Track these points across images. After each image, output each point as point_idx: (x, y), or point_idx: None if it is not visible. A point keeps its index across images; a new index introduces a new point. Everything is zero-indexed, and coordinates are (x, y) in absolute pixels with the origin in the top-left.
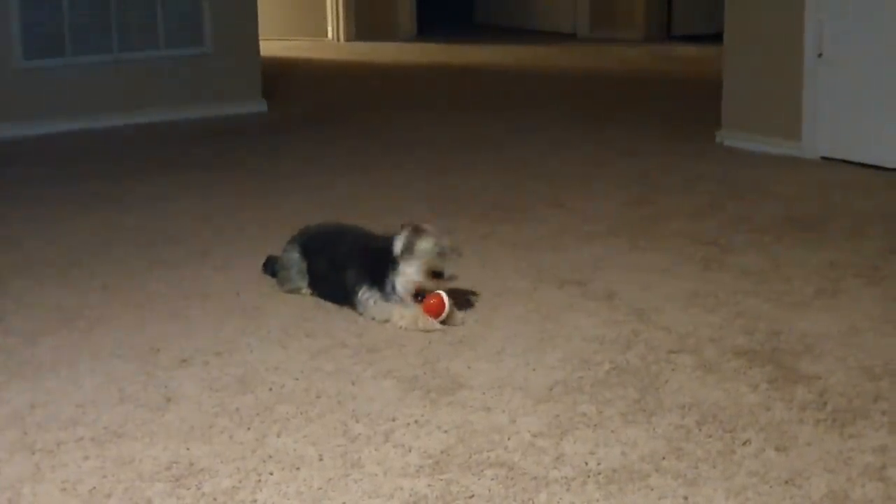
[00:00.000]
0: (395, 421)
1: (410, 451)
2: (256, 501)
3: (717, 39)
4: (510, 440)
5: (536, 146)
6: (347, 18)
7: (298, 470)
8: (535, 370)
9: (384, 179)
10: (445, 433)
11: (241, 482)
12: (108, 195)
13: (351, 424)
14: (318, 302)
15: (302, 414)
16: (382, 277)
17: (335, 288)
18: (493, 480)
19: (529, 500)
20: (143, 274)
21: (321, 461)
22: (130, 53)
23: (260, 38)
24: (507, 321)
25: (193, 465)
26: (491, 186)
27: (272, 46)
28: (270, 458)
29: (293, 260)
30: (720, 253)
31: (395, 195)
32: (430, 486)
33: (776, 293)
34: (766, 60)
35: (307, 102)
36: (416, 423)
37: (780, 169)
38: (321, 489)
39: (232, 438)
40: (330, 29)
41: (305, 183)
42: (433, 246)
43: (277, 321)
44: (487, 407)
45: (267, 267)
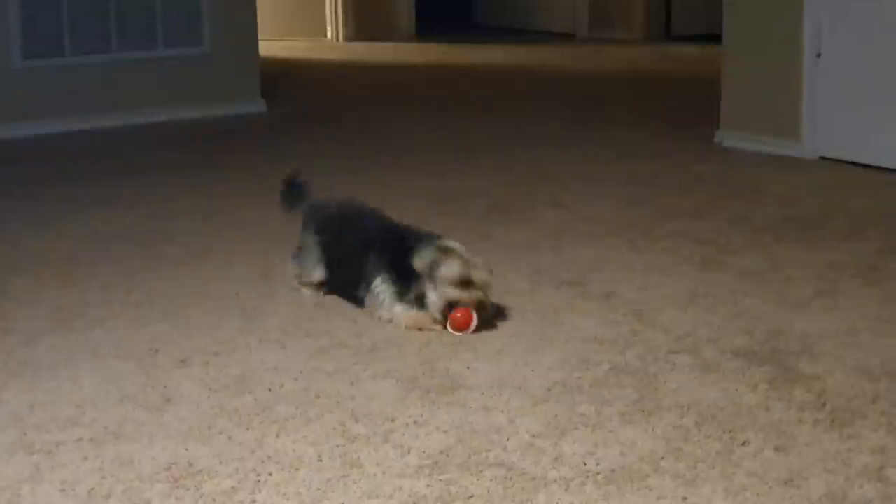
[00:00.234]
0: (394, 421)
1: (409, 451)
2: (255, 502)
3: (716, 39)
4: (509, 440)
5: (535, 146)
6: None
7: (297, 470)
8: (533, 370)
9: (383, 179)
10: (444, 433)
11: (240, 483)
12: (107, 195)
13: (350, 425)
14: (317, 302)
15: (301, 414)
16: (400, 274)
17: (351, 274)
18: (491, 481)
19: (528, 500)
20: (142, 274)
21: (320, 461)
22: (129, 53)
23: (259, 38)
24: (505, 321)
25: (192, 465)
26: (490, 186)
27: (271, 47)
28: (269, 458)
29: (310, 243)
30: (719, 253)
31: (394, 195)
32: (429, 486)
33: (775, 293)
34: (765, 61)
35: (306, 102)
36: (415, 423)
37: (779, 169)
38: (320, 489)
39: (231, 439)
40: (329, 29)
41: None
42: (457, 271)
43: (277, 321)
44: (486, 407)
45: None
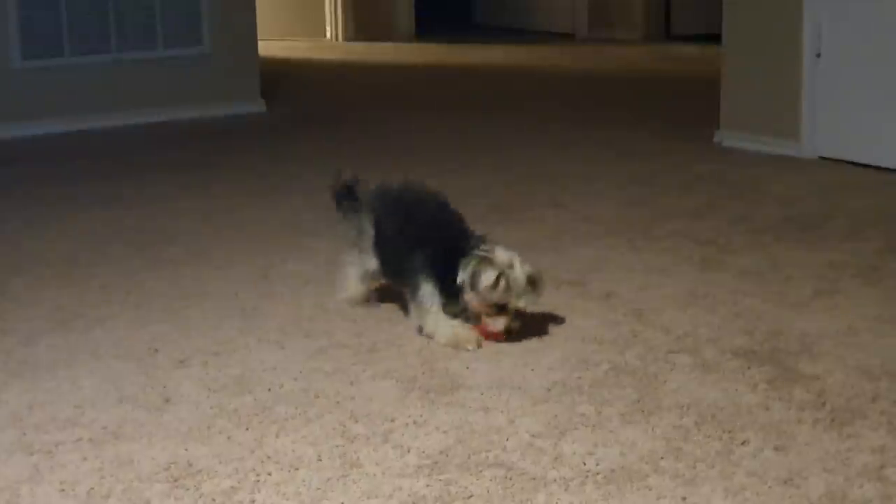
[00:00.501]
0: (393, 421)
1: (409, 451)
2: (255, 502)
3: (715, 39)
4: (509, 440)
5: (535, 146)
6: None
7: (297, 470)
8: (533, 370)
9: (383, 179)
10: (444, 433)
11: (239, 482)
12: (106, 195)
13: (350, 425)
14: (316, 302)
15: (300, 414)
16: (445, 281)
17: (398, 269)
18: (491, 481)
19: (528, 500)
20: (141, 274)
21: (320, 461)
22: (129, 53)
23: (259, 38)
24: None
25: (192, 465)
26: (489, 186)
27: (271, 46)
28: (269, 458)
29: (366, 227)
30: (719, 253)
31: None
32: (428, 486)
33: (775, 293)
34: (764, 60)
35: (306, 102)
36: (414, 423)
37: (778, 169)
38: (320, 489)
39: (230, 439)
40: (328, 29)
41: (304, 183)
42: (492, 295)
43: (276, 321)
44: (486, 407)
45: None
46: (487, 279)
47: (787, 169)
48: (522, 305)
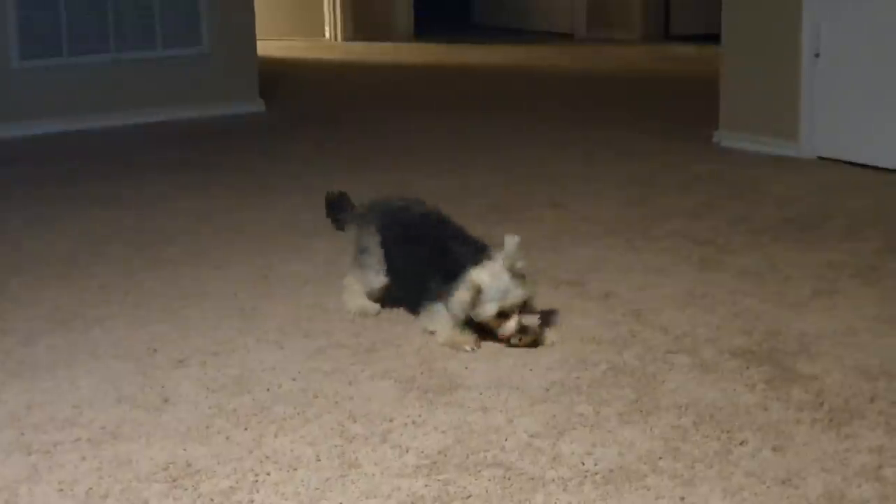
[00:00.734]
0: (392, 421)
1: (408, 451)
2: (253, 502)
3: (714, 39)
4: (507, 440)
5: (534, 146)
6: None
7: (296, 470)
8: (531, 370)
9: (382, 179)
10: (443, 433)
11: (238, 483)
12: (106, 195)
13: (348, 425)
14: (315, 302)
15: (299, 414)
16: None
17: (409, 291)
18: (490, 481)
19: (526, 500)
20: (140, 274)
21: (318, 461)
22: (128, 53)
23: (257, 38)
24: None
25: (190, 465)
26: (488, 186)
27: (270, 46)
28: (268, 458)
29: (372, 245)
30: (717, 253)
31: (392, 195)
32: (427, 486)
33: (773, 293)
34: (763, 60)
35: (305, 102)
36: (413, 423)
37: (777, 169)
38: (318, 489)
39: (229, 439)
40: (327, 29)
41: (303, 183)
42: (491, 312)
43: (275, 321)
44: (484, 407)
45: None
46: (461, 300)
47: (785, 169)
48: (516, 303)
